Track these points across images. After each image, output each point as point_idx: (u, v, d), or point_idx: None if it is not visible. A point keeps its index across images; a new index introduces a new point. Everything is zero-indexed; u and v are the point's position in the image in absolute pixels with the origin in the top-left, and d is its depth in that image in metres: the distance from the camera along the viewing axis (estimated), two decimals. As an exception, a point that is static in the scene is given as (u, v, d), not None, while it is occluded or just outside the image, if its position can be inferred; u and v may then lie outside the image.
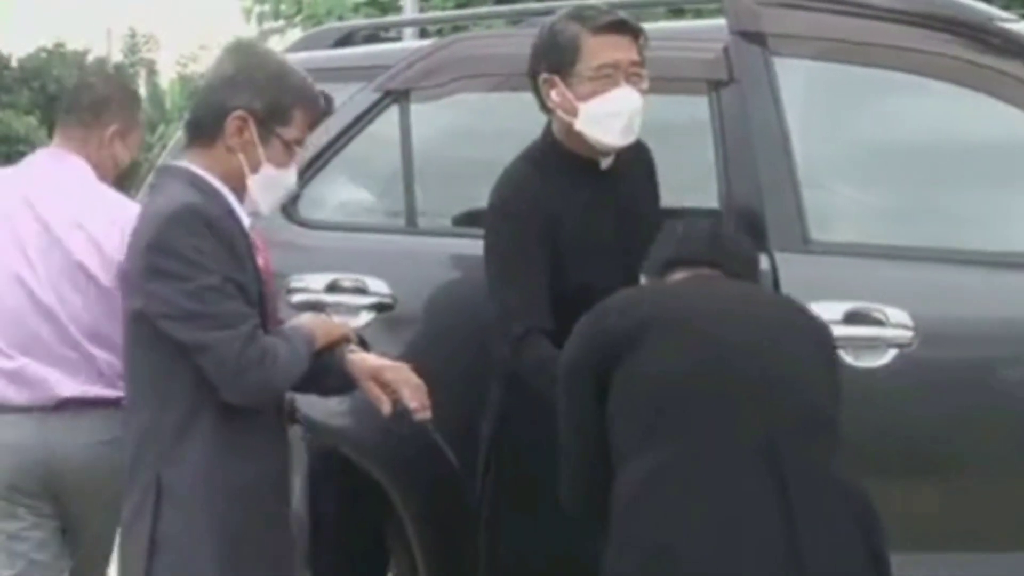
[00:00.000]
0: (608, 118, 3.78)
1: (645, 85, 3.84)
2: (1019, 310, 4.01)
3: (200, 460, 3.25)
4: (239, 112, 3.30)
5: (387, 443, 4.14)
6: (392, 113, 4.72)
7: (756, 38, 4.24)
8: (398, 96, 4.69)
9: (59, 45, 34.78)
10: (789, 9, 4.28)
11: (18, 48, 35.59)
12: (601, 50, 3.79)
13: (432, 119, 4.78)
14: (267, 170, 3.35)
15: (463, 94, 4.71)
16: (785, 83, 4.22)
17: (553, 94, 3.77)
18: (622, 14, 3.91)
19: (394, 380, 3.39)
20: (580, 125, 3.77)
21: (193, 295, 3.14)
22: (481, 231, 4.09)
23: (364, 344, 3.68)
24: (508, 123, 4.62)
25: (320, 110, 3.52)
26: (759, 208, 4.17)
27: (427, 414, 3.43)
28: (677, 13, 5.43)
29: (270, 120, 3.33)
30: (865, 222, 4.44)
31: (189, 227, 3.17)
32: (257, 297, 3.36)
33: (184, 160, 3.38)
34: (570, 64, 3.77)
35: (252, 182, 3.36)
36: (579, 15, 3.90)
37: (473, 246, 4.22)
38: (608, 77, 3.78)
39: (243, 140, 3.32)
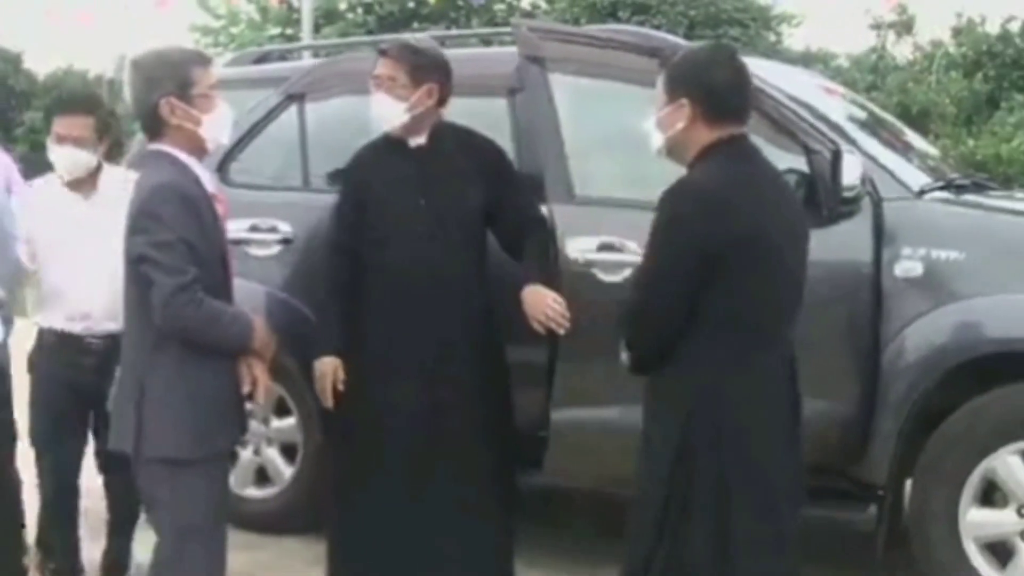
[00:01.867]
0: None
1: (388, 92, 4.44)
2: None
3: (170, 368, 3.62)
4: (162, 100, 3.65)
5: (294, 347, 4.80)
6: (292, 110, 5.78)
7: (537, 60, 5.03)
8: (297, 98, 5.76)
9: (70, 66, 36.06)
10: (557, 42, 5.04)
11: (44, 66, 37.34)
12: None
13: (319, 114, 5.75)
14: (207, 119, 3.71)
15: (339, 97, 5.70)
16: (556, 91, 4.98)
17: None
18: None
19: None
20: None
21: (153, 245, 3.52)
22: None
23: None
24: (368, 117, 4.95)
25: (205, 58, 3.89)
26: (540, 174, 4.90)
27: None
28: (487, 43, 6.41)
29: (182, 88, 3.68)
30: (609, 184, 5.16)
31: (164, 197, 3.57)
32: (216, 242, 3.72)
33: (158, 144, 3.72)
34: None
35: (204, 132, 3.71)
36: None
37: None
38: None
39: (177, 115, 3.67)
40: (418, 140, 4.53)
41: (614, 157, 5.32)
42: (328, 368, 4.50)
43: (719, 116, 3.30)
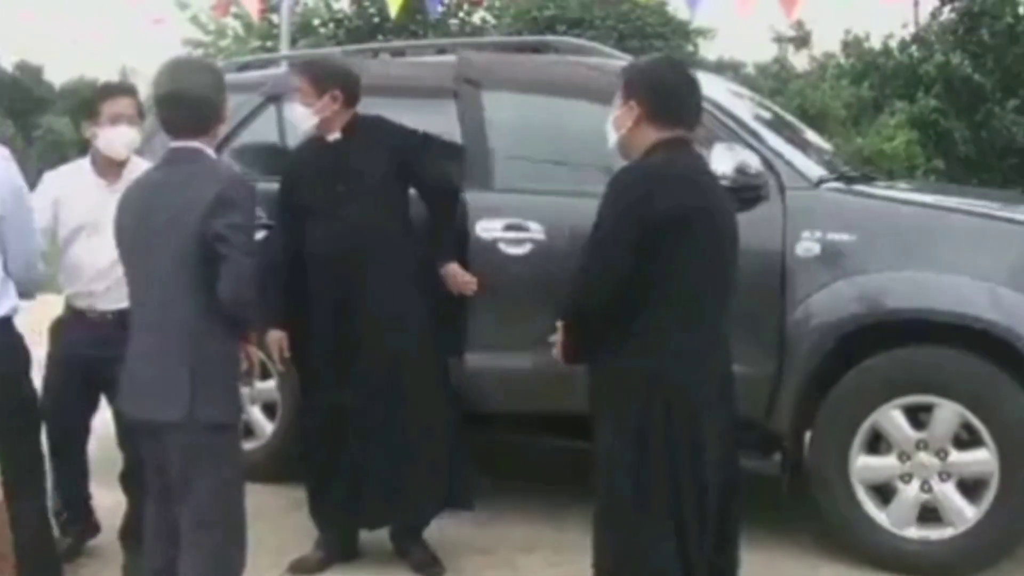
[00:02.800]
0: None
1: None
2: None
3: (220, 339, 3.47)
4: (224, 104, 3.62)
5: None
6: (271, 110, 5.75)
7: (471, 80, 5.26)
8: (275, 99, 5.71)
9: (82, 76, 35.90)
10: (488, 66, 5.38)
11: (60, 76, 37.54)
12: None
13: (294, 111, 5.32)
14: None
15: None
16: (487, 100, 5.23)
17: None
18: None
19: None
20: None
21: (231, 227, 3.35)
22: None
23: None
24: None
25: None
26: (458, 148, 5.05)
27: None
28: (441, 52, 6.21)
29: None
30: (523, 175, 5.19)
31: (242, 185, 3.51)
32: None
33: (197, 142, 3.53)
34: None
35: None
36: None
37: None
38: None
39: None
40: (334, 135, 4.66)
41: (527, 153, 5.32)
42: (274, 339, 4.71)
43: (663, 118, 3.26)
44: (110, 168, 4.55)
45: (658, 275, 3.13)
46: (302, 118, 4.65)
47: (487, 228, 5.03)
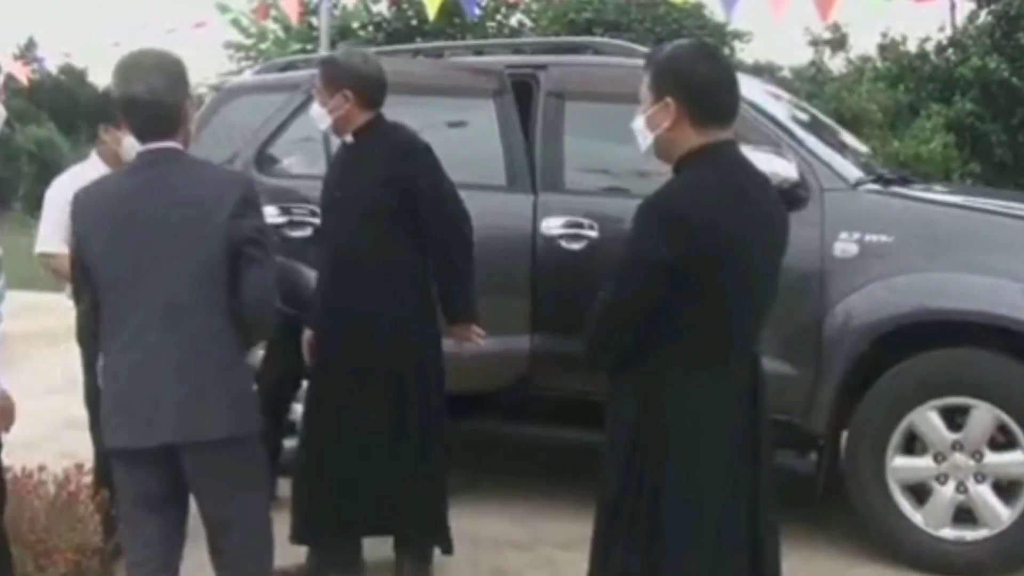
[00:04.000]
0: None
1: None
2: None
3: (242, 347, 3.28)
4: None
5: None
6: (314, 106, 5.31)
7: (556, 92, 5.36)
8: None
9: None
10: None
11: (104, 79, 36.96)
12: None
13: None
14: None
15: None
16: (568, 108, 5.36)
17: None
18: None
19: None
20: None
21: (259, 230, 3.19)
22: None
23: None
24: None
25: None
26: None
27: None
28: (478, 53, 6.30)
29: None
30: (588, 178, 5.45)
31: (255, 188, 3.37)
32: None
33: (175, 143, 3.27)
34: None
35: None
36: None
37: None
38: None
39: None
40: (348, 138, 4.50)
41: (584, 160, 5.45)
42: (309, 340, 4.57)
43: (705, 117, 2.84)
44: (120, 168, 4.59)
45: (683, 308, 2.75)
46: (318, 117, 4.51)
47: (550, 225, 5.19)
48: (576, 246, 5.16)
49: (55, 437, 5.33)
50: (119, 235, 3.16)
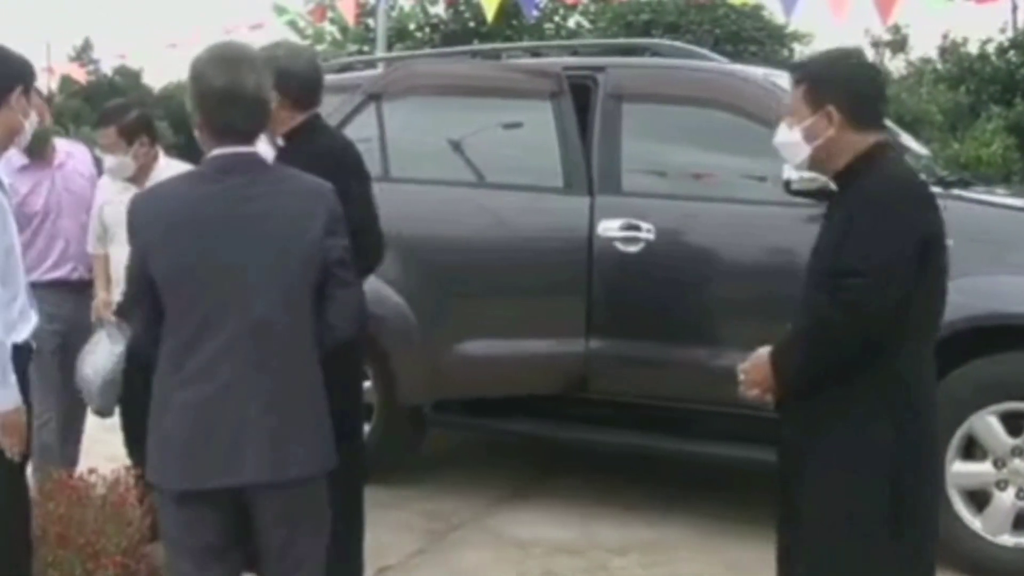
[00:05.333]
0: None
1: None
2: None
3: (320, 375, 2.92)
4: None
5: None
6: (372, 106, 5.73)
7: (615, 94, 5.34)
8: (375, 97, 5.73)
9: (180, 81, 37.08)
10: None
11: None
12: None
13: (393, 110, 5.70)
14: None
15: (410, 96, 5.71)
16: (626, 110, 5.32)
17: None
18: None
19: None
20: None
21: (346, 250, 2.92)
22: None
23: None
24: (433, 112, 5.57)
25: None
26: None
27: None
28: (535, 54, 6.30)
29: None
30: (646, 181, 5.34)
31: None
32: None
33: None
34: None
35: None
36: None
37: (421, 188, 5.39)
38: None
39: None
40: (279, 140, 4.03)
41: (645, 163, 5.39)
42: None
43: (867, 121, 2.94)
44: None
45: (918, 299, 2.85)
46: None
47: (607, 228, 5.18)
48: (633, 248, 5.15)
49: (102, 440, 5.27)
50: (195, 250, 2.79)
